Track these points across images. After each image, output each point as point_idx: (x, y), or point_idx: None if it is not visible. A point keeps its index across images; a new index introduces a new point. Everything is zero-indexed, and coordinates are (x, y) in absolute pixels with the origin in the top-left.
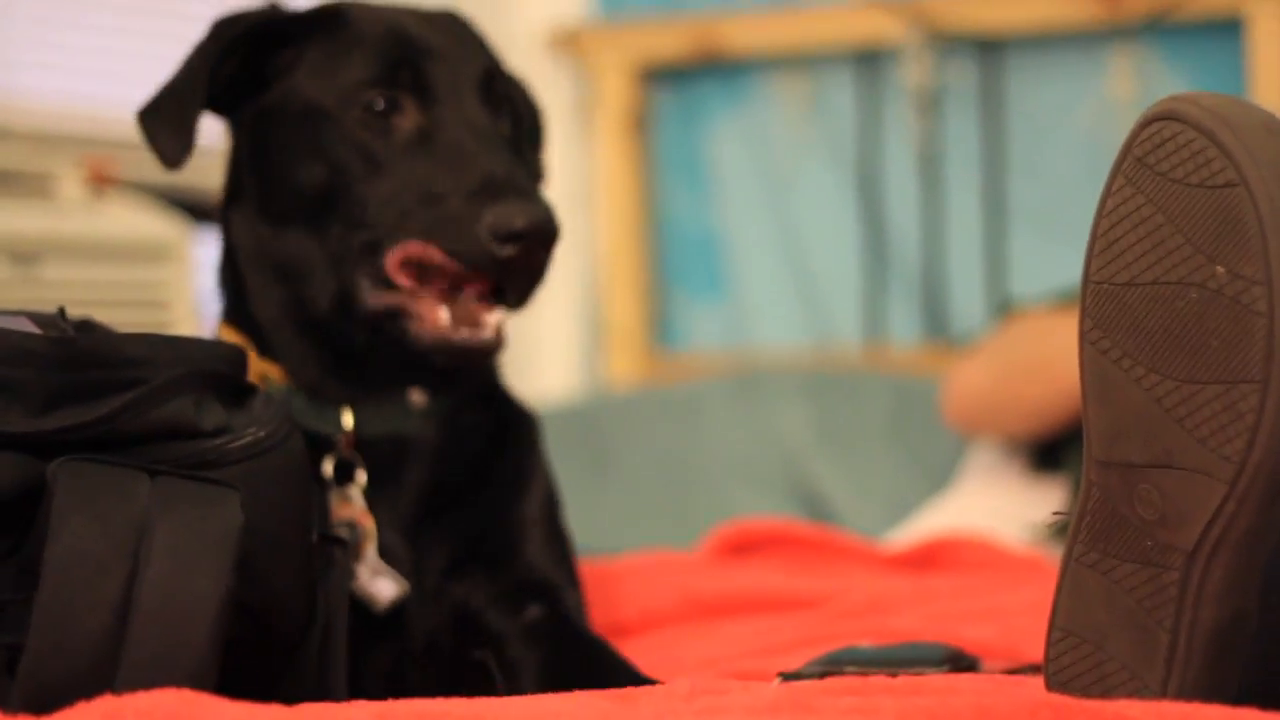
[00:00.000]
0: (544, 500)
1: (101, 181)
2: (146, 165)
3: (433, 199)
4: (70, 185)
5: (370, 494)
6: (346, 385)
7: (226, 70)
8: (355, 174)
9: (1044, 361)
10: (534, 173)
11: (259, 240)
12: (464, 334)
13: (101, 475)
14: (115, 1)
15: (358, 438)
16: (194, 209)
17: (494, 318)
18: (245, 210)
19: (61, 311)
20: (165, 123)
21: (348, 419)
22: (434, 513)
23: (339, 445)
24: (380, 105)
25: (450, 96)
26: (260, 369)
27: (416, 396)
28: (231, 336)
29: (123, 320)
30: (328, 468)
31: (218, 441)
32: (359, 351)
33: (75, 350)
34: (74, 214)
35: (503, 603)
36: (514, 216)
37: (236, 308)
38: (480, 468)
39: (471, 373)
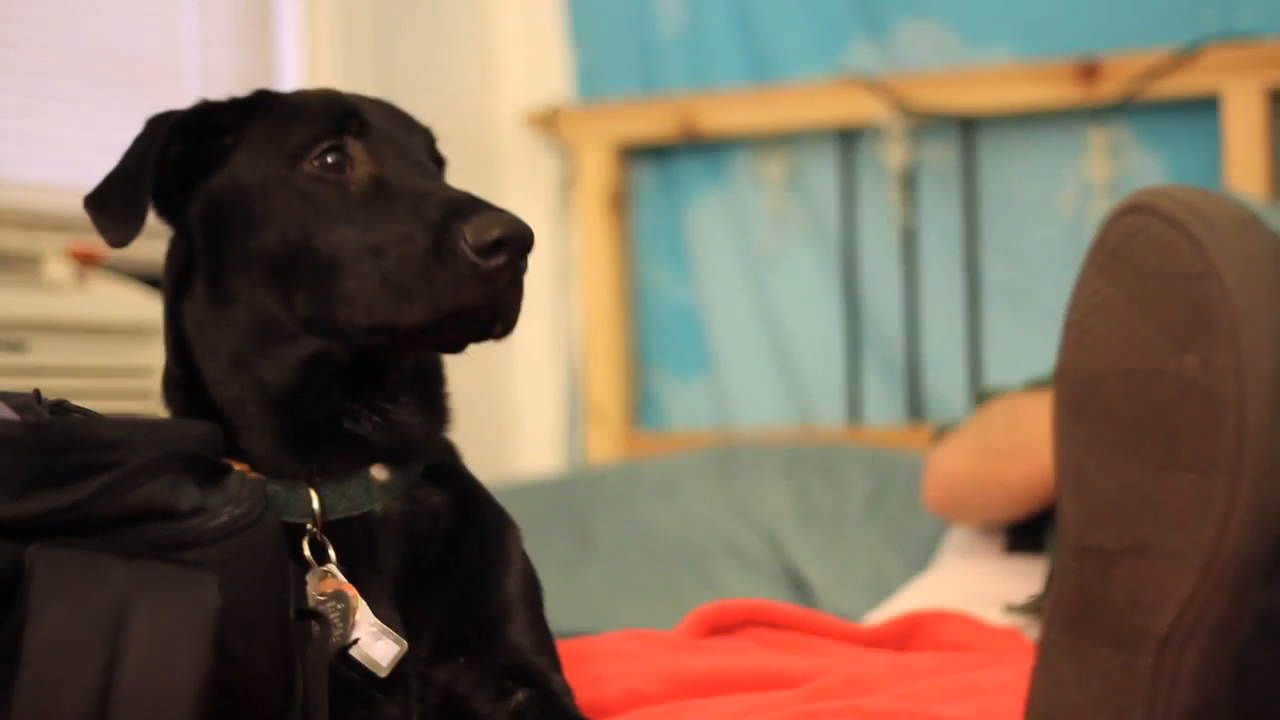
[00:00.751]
0: (523, 582)
1: (87, 263)
2: (131, 247)
3: (402, 237)
4: (56, 267)
5: (348, 576)
6: (308, 465)
7: (168, 158)
8: (316, 230)
9: (1020, 442)
10: None
11: (216, 325)
12: None
13: (79, 561)
14: (101, 84)
15: (324, 519)
16: None
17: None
18: (195, 300)
19: (37, 394)
20: (115, 204)
21: (314, 501)
22: (413, 595)
23: (311, 528)
24: (331, 159)
25: (395, 149)
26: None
27: (378, 472)
28: None
29: (108, 400)
30: (305, 549)
31: (194, 522)
32: (321, 426)
33: (51, 434)
34: (60, 295)
35: (489, 688)
36: (490, 227)
37: (189, 409)
38: (452, 546)
39: (430, 447)
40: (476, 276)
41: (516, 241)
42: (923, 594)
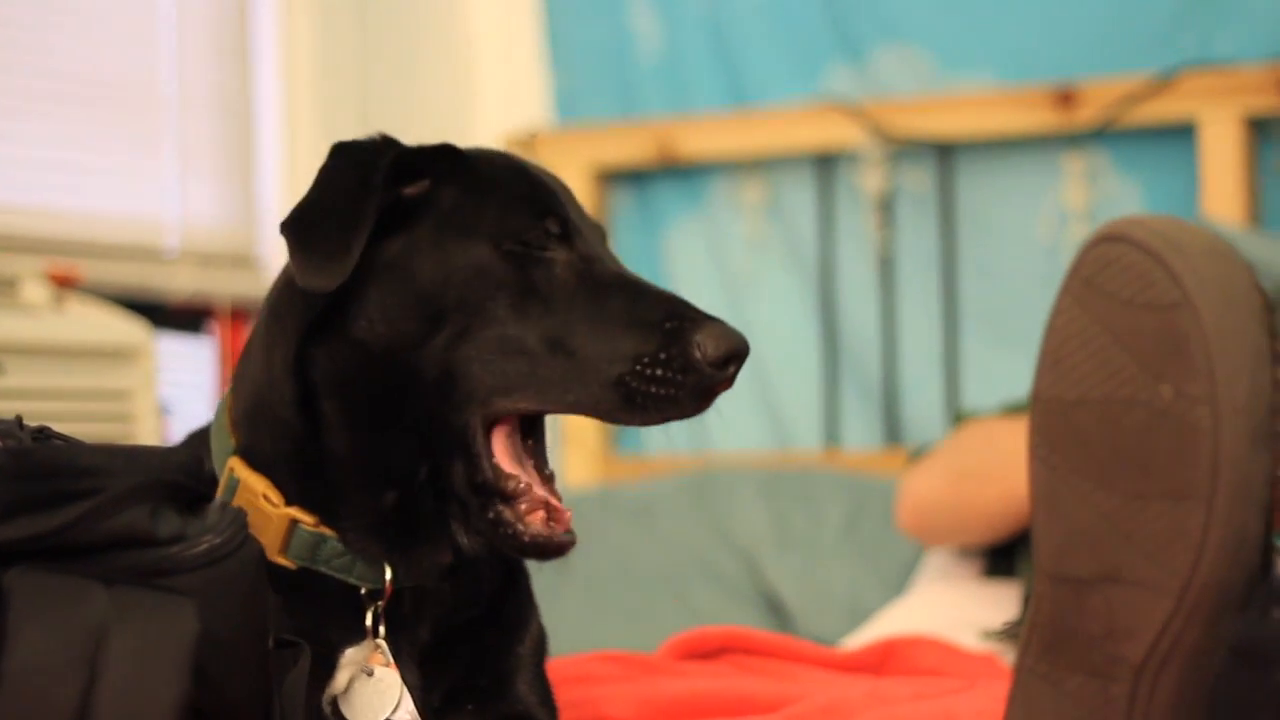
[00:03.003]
0: (535, 642)
1: (64, 285)
2: (108, 269)
3: (637, 338)
4: (33, 289)
5: (389, 633)
6: (388, 541)
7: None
8: (523, 313)
9: (996, 467)
10: None
11: (363, 379)
12: (561, 532)
13: (57, 585)
14: (78, 106)
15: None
16: (155, 312)
17: (569, 511)
18: (338, 349)
19: (19, 420)
20: (322, 243)
21: (388, 573)
22: (439, 653)
23: (381, 598)
24: (532, 239)
25: (588, 235)
26: (286, 514)
27: (446, 558)
28: (248, 476)
29: (86, 423)
30: (369, 617)
31: (173, 549)
32: (418, 512)
33: (31, 461)
34: (37, 317)
35: None
36: (724, 339)
37: (293, 457)
38: (493, 610)
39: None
40: (709, 388)
41: (744, 355)
42: (899, 619)
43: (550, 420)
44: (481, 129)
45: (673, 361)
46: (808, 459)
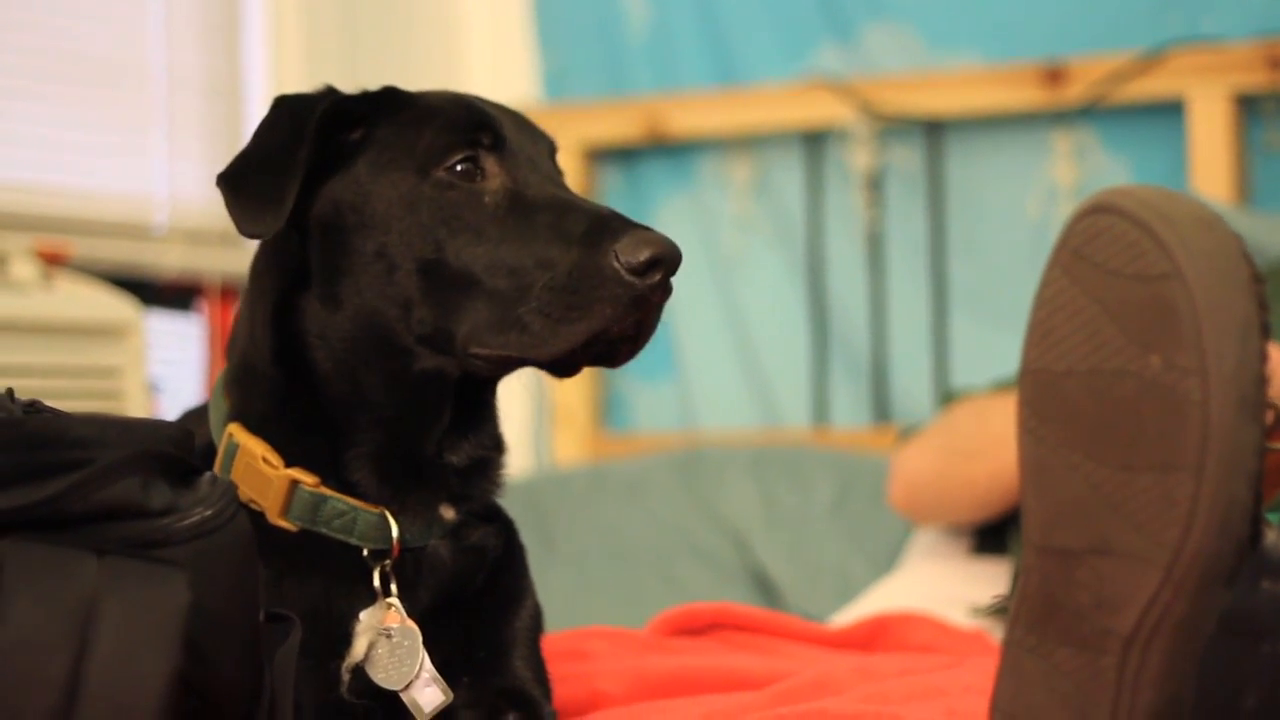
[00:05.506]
0: (532, 618)
1: (53, 262)
2: (98, 247)
3: (546, 255)
4: (22, 266)
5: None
6: (394, 490)
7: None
8: (447, 243)
9: (986, 442)
10: None
11: (334, 331)
12: None
13: (48, 555)
14: (66, 83)
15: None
16: (144, 290)
17: None
18: (311, 303)
19: (10, 393)
20: (255, 192)
21: (394, 530)
22: (439, 624)
23: (389, 557)
24: (463, 168)
25: (528, 160)
26: (287, 475)
27: (445, 510)
28: (247, 440)
29: (75, 400)
30: (375, 578)
31: (165, 521)
32: (420, 450)
33: (23, 431)
34: (26, 294)
35: (483, 707)
36: (644, 244)
37: (284, 412)
38: (491, 582)
39: (490, 485)
40: (630, 298)
41: (670, 260)
42: (888, 596)
43: (539, 398)
44: None
45: (586, 275)
46: (797, 437)
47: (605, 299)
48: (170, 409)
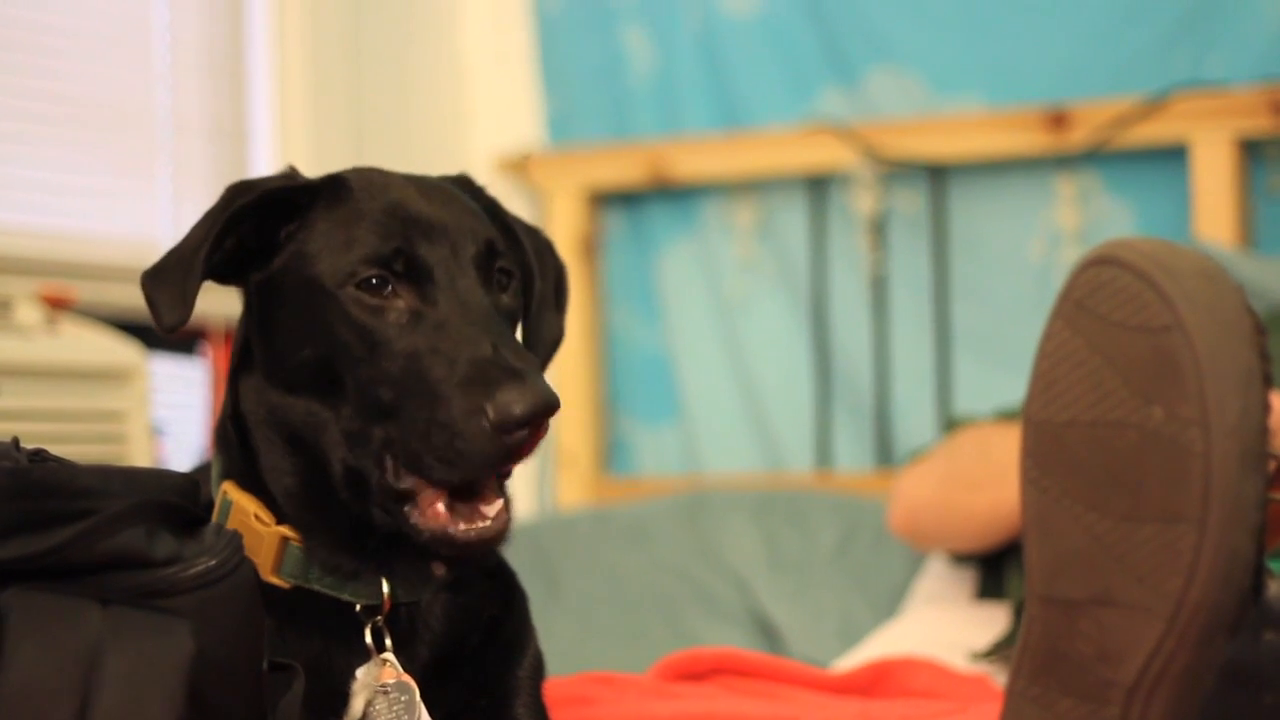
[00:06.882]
0: (534, 666)
1: (58, 306)
2: (102, 291)
3: (427, 400)
4: (27, 311)
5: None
6: (364, 558)
7: (236, 237)
8: (353, 354)
9: (987, 472)
10: (548, 337)
11: (270, 409)
12: (462, 528)
13: (53, 605)
14: (72, 127)
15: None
16: (148, 334)
17: (495, 507)
18: (255, 377)
19: (16, 442)
20: (166, 287)
21: (384, 585)
22: (439, 678)
23: (381, 612)
24: (375, 283)
25: (445, 276)
26: (277, 532)
27: (438, 569)
28: (240, 497)
29: (79, 444)
30: (367, 636)
31: (169, 571)
32: (378, 526)
33: (29, 481)
34: (30, 339)
35: None
36: (513, 405)
37: (245, 470)
38: (490, 635)
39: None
40: (499, 453)
41: (543, 414)
42: (891, 640)
43: (543, 441)
44: (474, 151)
45: (456, 431)
46: (800, 481)
47: (473, 453)
48: (174, 452)
